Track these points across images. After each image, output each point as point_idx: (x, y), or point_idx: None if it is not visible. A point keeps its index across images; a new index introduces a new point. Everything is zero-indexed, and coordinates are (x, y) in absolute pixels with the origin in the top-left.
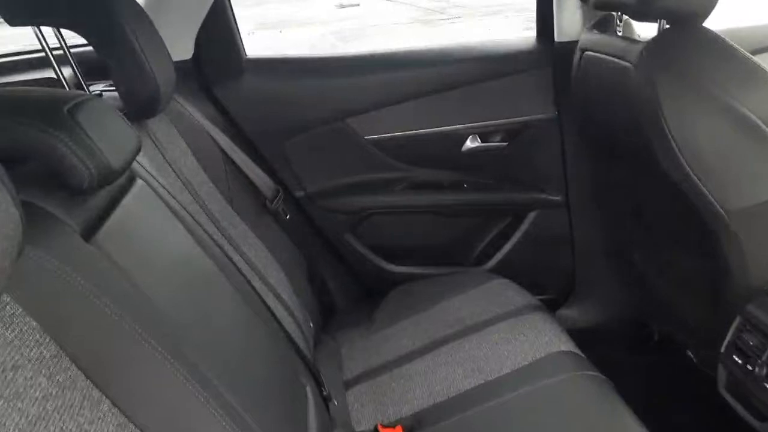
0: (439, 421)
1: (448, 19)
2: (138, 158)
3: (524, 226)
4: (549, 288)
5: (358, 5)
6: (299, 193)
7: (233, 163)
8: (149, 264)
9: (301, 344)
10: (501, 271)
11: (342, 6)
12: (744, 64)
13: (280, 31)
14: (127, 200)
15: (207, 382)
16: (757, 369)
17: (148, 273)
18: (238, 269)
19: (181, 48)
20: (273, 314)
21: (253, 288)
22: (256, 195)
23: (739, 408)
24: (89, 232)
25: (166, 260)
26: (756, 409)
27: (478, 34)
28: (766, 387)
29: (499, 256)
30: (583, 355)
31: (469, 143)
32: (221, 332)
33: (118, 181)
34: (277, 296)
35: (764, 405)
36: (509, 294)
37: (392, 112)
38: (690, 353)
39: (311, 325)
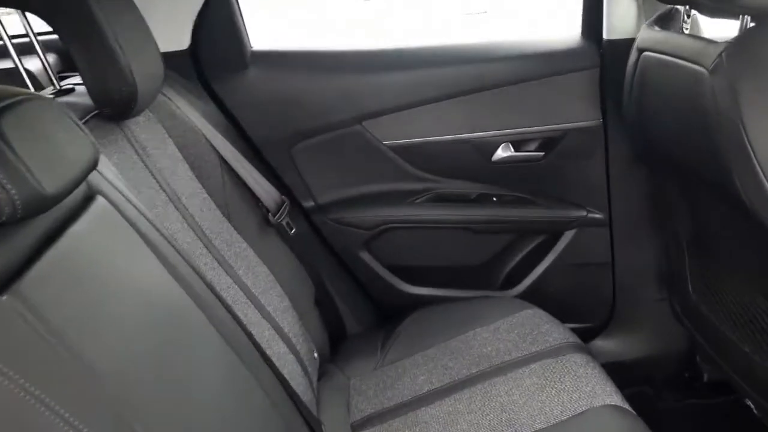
0: None
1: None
2: (103, 169)
3: (560, 247)
4: (585, 316)
5: None
6: (308, 204)
7: (232, 170)
8: (99, 314)
9: (302, 387)
10: (532, 295)
11: None
12: None
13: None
14: (79, 227)
15: None
16: None
17: (95, 327)
18: (227, 306)
19: (176, 37)
20: (267, 359)
21: (245, 329)
22: (258, 207)
23: None
24: (8, 279)
25: (125, 305)
26: None
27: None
28: None
29: (530, 279)
30: (632, 411)
31: (501, 152)
32: (194, 398)
33: (65, 202)
34: (276, 327)
35: None
36: (544, 328)
37: (415, 115)
38: (749, 403)
39: (316, 355)
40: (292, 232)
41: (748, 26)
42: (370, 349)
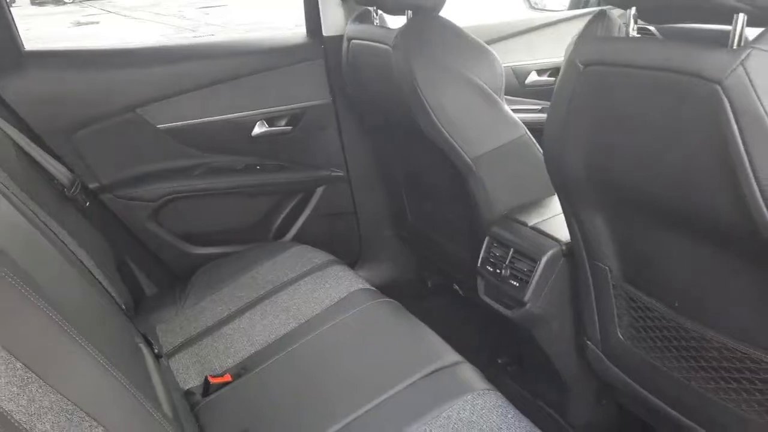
0: (263, 363)
1: (200, 36)
2: None
3: (314, 201)
4: (341, 254)
5: (98, 23)
6: (94, 185)
7: (25, 153)
8: None
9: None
10: (299, 241)
11: (79, 24)
12: (473, 46)
13: None
14: None
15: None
16: (503, 271)
17: None
18: (61, 239)
19: None
20: (99, 282)
21: (79, 259)
22: (53, 185)
23: (494, 305)
24: None
25: None
26: (505, 302)
27: None
28: (510, 283)
29: (295, 228)
30: (376, 290)
31: (258, 128)
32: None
33: None
34: (92, 275)
35: (510, 297)
36: (309, 255)
37: (183, 101)
38: (456, 286)
39: (123, 307)
40: (87, 204)
41: (411, 17)
42: (170, 302)
